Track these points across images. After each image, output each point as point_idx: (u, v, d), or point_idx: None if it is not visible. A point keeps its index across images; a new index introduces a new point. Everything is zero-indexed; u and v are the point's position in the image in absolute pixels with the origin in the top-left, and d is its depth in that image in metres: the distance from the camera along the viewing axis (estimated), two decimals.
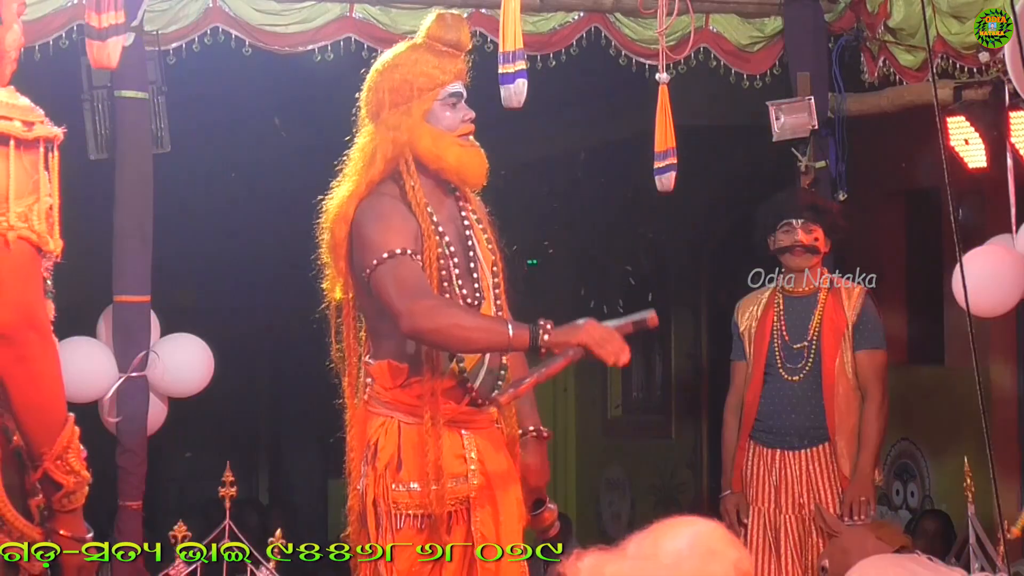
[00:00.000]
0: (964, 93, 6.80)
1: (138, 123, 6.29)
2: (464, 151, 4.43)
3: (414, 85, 4.44)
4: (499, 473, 4.45)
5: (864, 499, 6.25)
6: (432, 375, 4.38)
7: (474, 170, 4.44)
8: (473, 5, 6.67)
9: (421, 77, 4.44)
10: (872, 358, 6.41)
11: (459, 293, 4.42)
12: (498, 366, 4.52)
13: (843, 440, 6.34)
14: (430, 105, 4.44)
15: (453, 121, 4.44)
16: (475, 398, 4.48)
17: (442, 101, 4.44)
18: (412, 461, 4.40)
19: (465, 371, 4.44)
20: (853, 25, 7.16)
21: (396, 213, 4.38)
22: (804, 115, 6.95)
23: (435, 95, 4.44)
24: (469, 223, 4.51)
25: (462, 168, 4.43)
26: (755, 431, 6.47)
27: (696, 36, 6.72)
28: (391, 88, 4.46)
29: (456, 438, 4.44)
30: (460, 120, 4.45)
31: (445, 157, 4.41)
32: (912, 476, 8.71)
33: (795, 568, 6.32)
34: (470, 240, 4.49)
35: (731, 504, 6.48)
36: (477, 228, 4.53)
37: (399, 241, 4.31)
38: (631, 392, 11.01)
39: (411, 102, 4.44)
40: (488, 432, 4.52)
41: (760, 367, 6.48)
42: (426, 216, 4.37)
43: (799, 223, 6.42)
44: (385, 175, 4.45)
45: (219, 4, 6.42)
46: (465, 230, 4.49)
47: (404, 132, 4.41)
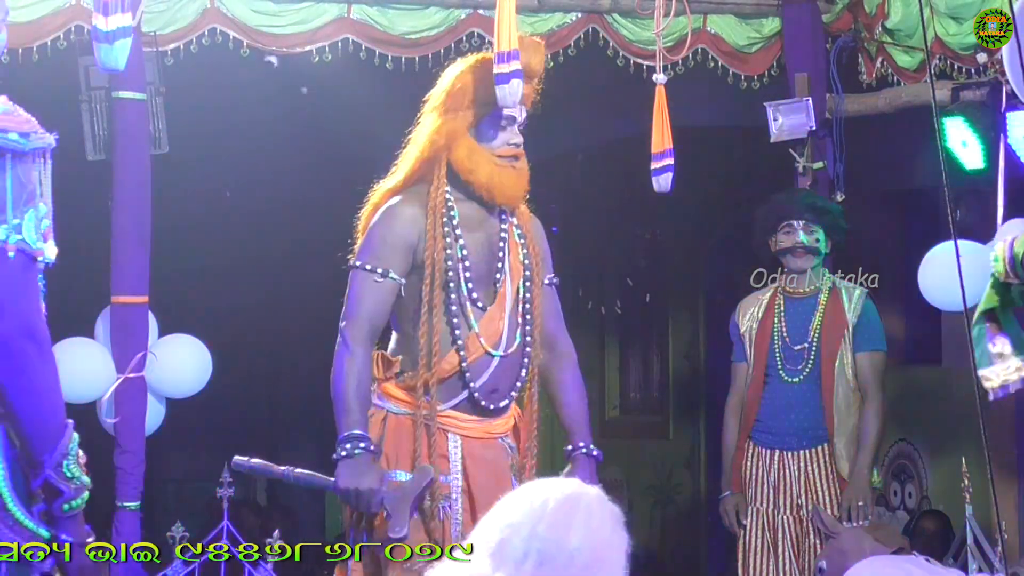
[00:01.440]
0: (962, 94, 6.80)
1: (136, 124, 6.29)
2: (497, 170, 4.54)
3: (472, 97, 4.54)
4: (484, 484, 4.49)
5: (861, 502, 6.25)
6: (427, 372, 4.45)
7: (504, 190, 4.56)
8: (472, 6, 6.67)
9: (481, 91, 4.54)
10: (872, 359, 6.41)
11: (466, 295, 4.52)
12: (515, 377, 4.58)
13: (842, 441, 6.35)
14: (480, 120, 4.54)
15: (498, 141, 4.55)
16: (476, 398, 4.52)
17: (492, 119, 4.54)
18: (394, 451, 4.47)
19: (466, 364, 4.50)
20: (851, 26, 7.16)
21: (399, 224, 4.50)
22: (802, 116, 6.96)
23: (487, 111, 4.54)
24: (508, 235, 4.62)
25: (492, 186, 4.53)
26: (755, 432, 6.47)
27: (694, 37, 6.71)
28: (451, 92, 4.57)
29: (442, 438, 4.50)
30: (505, 142, 4.55)
31: (477, 172, 4.52)
32: (910, 477, 8.71)
33: (792, 568, 6.32)
34: (501, 252, 4.59)
35: (730, 505, 6.48)
36: (516, 243, 4.64)
37: (377, 257, 4.46)
38: (629, 393, 11.00)
39: (462, 111, 4.54)
40: (483, 443, 4.57)
41: (760, 368, 6.48)
42: (439, 218, 4.48)
43: (800, 224, 6.43)
44: (419, 172, 4.57)
45: (217, 5, 6.42)
46: (500, 241, 4.60)
47: (443, 137, 4.52)
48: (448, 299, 4.51)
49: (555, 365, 4.78)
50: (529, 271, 4.65)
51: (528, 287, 4.64)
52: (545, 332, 4.72)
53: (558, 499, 2.73)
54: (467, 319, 4.53)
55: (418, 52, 6.65)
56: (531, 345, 4.62)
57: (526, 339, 4.61)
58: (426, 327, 4.46)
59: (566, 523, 2.70)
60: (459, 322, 4.51)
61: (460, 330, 4.50)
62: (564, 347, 4.82)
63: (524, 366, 4.61)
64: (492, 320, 4.56)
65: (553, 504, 2.71)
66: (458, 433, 4.52)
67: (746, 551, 6.45)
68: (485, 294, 4.56)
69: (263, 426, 11.27)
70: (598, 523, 2.72)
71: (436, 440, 4.49)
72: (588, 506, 2.75)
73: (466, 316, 4.53)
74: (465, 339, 4.51)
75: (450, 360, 4.50)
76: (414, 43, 6.67)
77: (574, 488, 2.78)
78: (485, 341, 4.53)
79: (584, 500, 2.76)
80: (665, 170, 5.86)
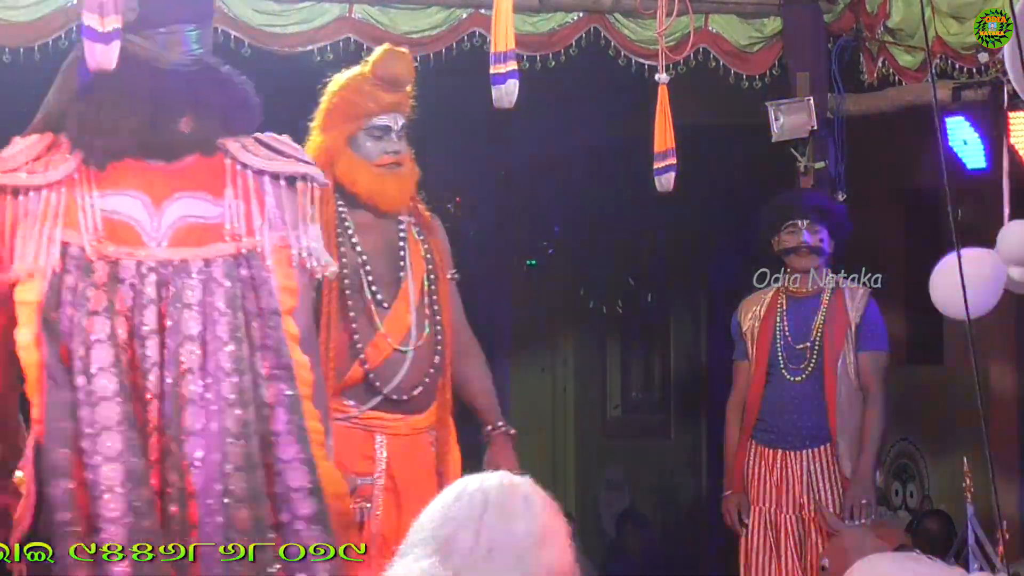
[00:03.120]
0: (963, 94, 6.80)
1: None
2: (376, 179, 4.74)
3: (345, 112, 4.75)
4: (410, 479, 4.64)
5: (865, 501, 6.25)
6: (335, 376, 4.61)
7: (386, 197, 4.77)
8: (472, 5, 6.67)
9: (352, 106, 4.76)
10: (875, 359, 6.41)
11: (370, 298, 4.71)
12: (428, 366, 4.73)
13: (845, 441, 6.35)
14: (354, 133, 4.74)
15: (374, 151, 4.74)
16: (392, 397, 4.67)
17: (366, 131, 4.74)
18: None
19: (370, 371, 4.67)
20: (852, 25, 7.16)
21: None
22: (803, 115, 6.96)
23: (360, 125, 4.74)
24: (406, 233, 4.81)
25: (373, 195, 4.75)
26: (756, 431, 6.47)
27: (695, 36, 6.71)
28: (327, 110, 4.79)
29: (368, 439, 4.66)
30: (382, 151, 4.74)
31: (357, 183, 4.75)
32: (911, 476, 8.71)
33: (795, 567, 6.32)
34: (402, 251, 4.78)
35: (732, 504, 6.48)
36: (415, 239, 4.83)
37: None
38: (630, 392, 11.01)
39: (338, 127, 4.75)
40: (409, 439, 4.71)
41: (762, 367, 6.48)
42: (330, 233, 4.65)
43: (804, 223, 6.42)
44: None
45: (218, 4, 6.41)
46: (399, 240, 4.79)
47: (323, 154, 4.69)
48: (346, 305, 4.69)
49: (461, 356, 4.93)
50: (432, 264, 4.83)
51: (433, 279, 4.82)
52: (446, 324, 4.88)
53: (497, 489, 2.88)
54: (372, 321, 4.71)
55: (419, 51, 6.65)
56: (441, 334, 4.80)
57: (436, 328, 4.79)
58: (326, 335, 4.62)
59: (510, 511, 2.84)
60: (359, 326, 4.69)
61: (360, 334, 4.68)
62: (465, 337, 4.98)
63: (437, 354, 4.77)
64: (398, 317, 4.74)
65: (494, 495, 2.86)
66: (383, 432, 4.68)
67: (748, 551, 6.45)
68: (389, 294, 4.75)
69: None
70: (539, 508, 2.93)
71: (361, 441, 4.65)
72: (526, 494, 2.93)
73: (370, 318, 4.71)
74: (369, 341, 4.69)
75: (355, 367, 4.68)
76: (416, 42, 6.66)
77: (508, 479, 2.96)
78: (392, 339, 4.71)
79: (521, 488, 2.93)
80: (667, 170, 5.85)
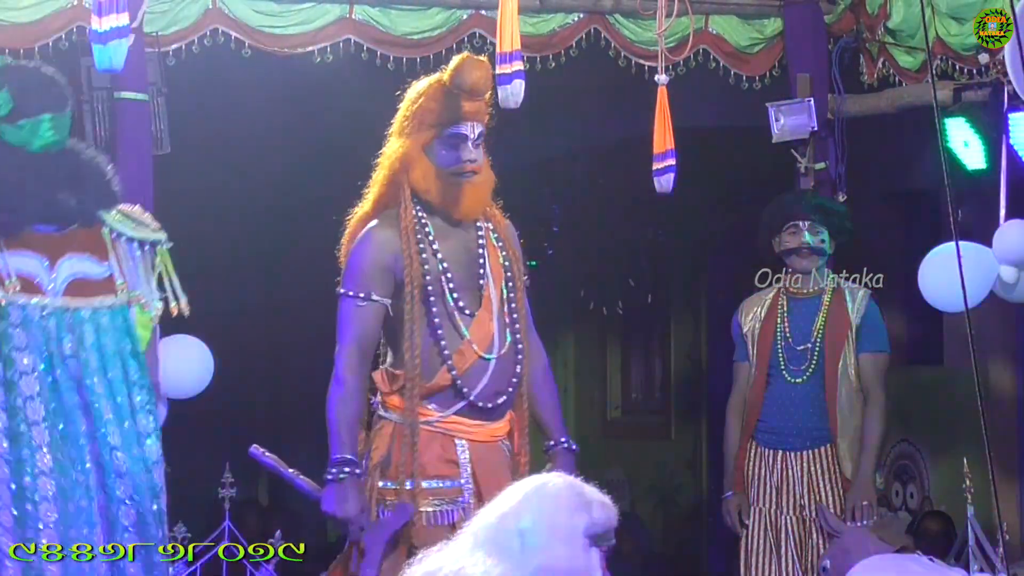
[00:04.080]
0: (963, 94, 6.80)
1: (138, 125, 6.28)
2: (450, 188, 4.73)
3: (421, 119, 4.73)
4: (492, 484, 4.56)
5: (866, 503, 6.25)
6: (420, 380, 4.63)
7: (460, 206, 4.75)
8: (473, 7, 6.67)
9: (428, 113, 4.73)
10: (875, 360, 6.41)
11: (452, 305, 4.69)
12: (511, 375, 4.72)
13: (846, 442, 6.35)
14: (430, 141, 4.71)
15: (449, 159, 4.71)
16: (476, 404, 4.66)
17: (442, 139, 4.70)
18: (399, 460, 4.65)
19: (458, 378, 4.64)
20: (853, 27, 7.16)
21: (373, 248, 4.73)
22: (804, 116, 6.95)
23: (435, 132, 4.71)
24: (485, 240, 4.79)
25: (446, 203, 4.74)
26: (757, 432, 6.47)
27: (696, 38, 6.72)
28: (405, 116, 4.77)
29: (449, 443, 4.67)
30: (457, 159, 4.72)
31: (431, 192, 4.73)
32: (911, 477, 8.71)
33: (795, 568, 6.32)
34: (481, 257, 4.76)
35: (733, 505, 6.48)
36: (494, 246, 4.81)
37: (357, 283, 4.70)
38: (630, 393, 11.01)
39: (416, 133, 4.72)
40: (486, 445, 4.72)
41: (763, 368, 6.48)
42: (412, 236, 4.67)
43: (806, 224, 6.42)
44: (386, 196, 4.79)
45: (219, 5, 6.41)
46: (478, 248, 4.77)
47: (399, 161, 4.72)
48: (431, 312, 4.68)
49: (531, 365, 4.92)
50: (510, 272, 4.82)
51: (511, 287, 4.81)
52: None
53: (522, 489, 2.90)
54: (457, 328, 4.71)
55: (420, 53, 6.65)
56: (521, 343, 4.79)
57: (516, 337, 4.78)
58: (409, 343, 4.64)
59: (519, 508, 2.85)
60: (445, 333, 4.69)
61: (447, 340, 4.68)
62: (535, 347, 4.96)
63: (518, 363, 4.77)
64: (482, 324, 4.73)
65: (518, 494, 2.89)
66: (465, 438, 4.67)
67: (748, 552, 6.45)
68: (471, 300, 4.74)
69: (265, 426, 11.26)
70: (552, 506, 2.85)
71: (444, 446, 4.65)
72: (545, 491, 2.89)
73: (455, 325, 4.71)
74: (456, 348, 4.68)
75: (442, 373, 4.67)
76: (416, 44, 6.67)
77: (541, 478, 2.93)
78: (477, 346, 4.70)
79: (545, 487, 2.90)
80: (667, 171, 5.86)
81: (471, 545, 2.85)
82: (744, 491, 6.48)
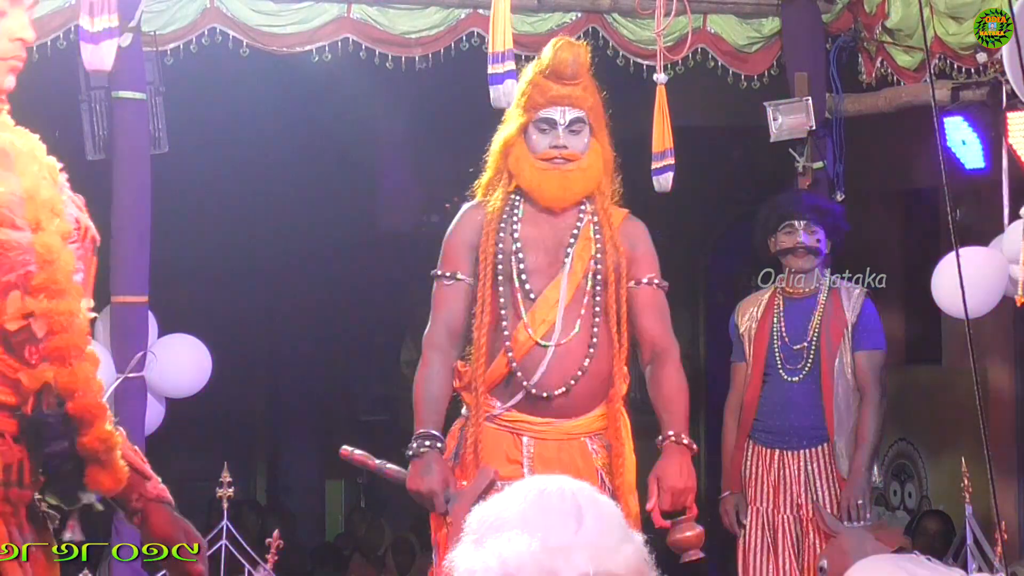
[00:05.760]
0: (962, 94, 6.80)
1: (136, 124, 6.28)
2: (538, 174, 4.69)
3: (521, 103, 4.72)
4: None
5: (860, 501, 6.25)
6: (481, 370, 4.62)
7: (544, 193, 4.70)
8: (471, 6, 6.67)
9: (526, 98, 4.71)
10: (871, 359, 6.41)
11: (518, 286, 4.64)
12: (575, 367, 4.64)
13: (842, 441, 6.35)
14: (526, 125, 4.70)
15: (539, 144, 4.68)
16: (534, 394, 4.60)
17: (535, 123, 4.69)
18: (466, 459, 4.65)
19: (514, 361, 4.60)
20: (851, 26, 7.16)
21: (461, 227, 4.75)
22: (802, 116, 6.95)
23: (531, 116, 4.69)
24: (580, 232, 4.72)
25: (532, 189, 4.70)
26: (754, 431, 6.47)
27: (694, 36, 6.71)
28: (517, 99, 4.76)
29: (515, 442, 4.63)
30: (547, 145, 4.68)
31: (521, 176, 4.71)
32: (910, 476, 8.71)
33: (792, 568, 6.32)
34: (569, 247, 4.70)
35: (730, 505, 6.48)
36: (589, 238, 4.72)
37: (445, 262, 4.72)
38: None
39: (516, 118, 4.73)
40: (558, 444, 4.67)
41: (760, 368, 6.48)
42: (495, 216, 4.67)
43: (802, 224, 6.42)
44: (492, 178, 4.79)
45: (217, 5, 6.41)
46: (569, 237, 4.71)
47: (499, 144, 4.73)
48: (496, 292, 4.65)
49: (654, 361, 4.88)
50: (600, 265, 4.71)
51: (598, 280, 4.70)
52: (641, 329, 4.79)
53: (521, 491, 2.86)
54: (517, 310, 4.65)
55: (418, 52, 6.65)
56: (597, 337, 4.69)
57: (592, 331, 4.68)
58: (479, 320, 4.64)
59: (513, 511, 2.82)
60: (507, 314, 4.65)
61: (508, 322, 4.65)
62: (663, 343, 4.88)
63: (589, 357, 4.68)
64: (543, 310, 4.65)
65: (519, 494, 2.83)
66: (531, 436, 4.63)
67: (746, 551, 6.45)
68: (540, 285, 4.68)
69: (263, 426, 11.27)
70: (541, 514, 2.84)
71: (507, 444, 4.62)
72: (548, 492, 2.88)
73: (516, 307, 4.65)
74: (514, 331, 4.63)
75: (501, 358, 4.65)
76: (414, 43, 6.67)
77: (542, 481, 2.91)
78: (534, 331, 4.62)
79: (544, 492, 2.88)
80: (665, 170, 5.87)
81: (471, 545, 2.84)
82: (741, 491, 6.48)
